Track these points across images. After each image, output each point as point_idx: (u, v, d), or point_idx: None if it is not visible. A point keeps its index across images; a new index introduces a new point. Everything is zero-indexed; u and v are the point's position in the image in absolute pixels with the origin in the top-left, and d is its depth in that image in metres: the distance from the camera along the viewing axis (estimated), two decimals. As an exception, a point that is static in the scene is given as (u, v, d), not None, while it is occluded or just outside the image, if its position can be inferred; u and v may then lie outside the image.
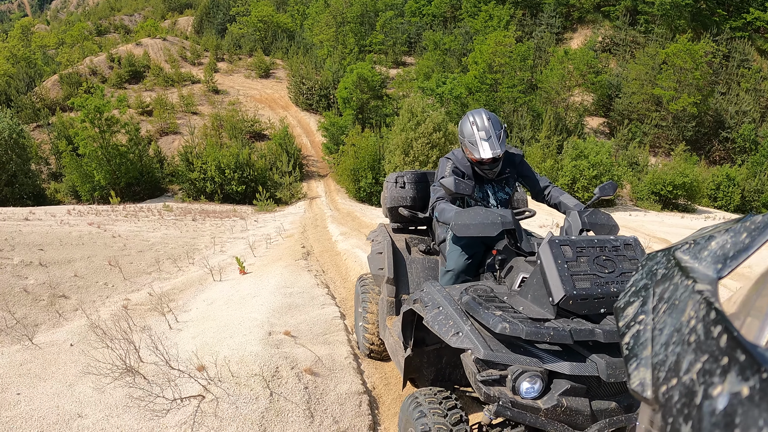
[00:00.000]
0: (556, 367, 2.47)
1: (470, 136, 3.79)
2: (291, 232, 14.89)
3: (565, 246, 2.65)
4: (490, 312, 2.58)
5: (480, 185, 4.08)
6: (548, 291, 2.59)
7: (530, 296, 2.76)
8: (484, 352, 2.46)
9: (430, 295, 3.03)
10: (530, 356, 2.51)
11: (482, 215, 3.28)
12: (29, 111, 43.80)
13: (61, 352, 5.20)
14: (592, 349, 2.52)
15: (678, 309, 0.79)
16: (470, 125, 3.80)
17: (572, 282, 2.51)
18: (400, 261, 4.47)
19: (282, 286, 7.28)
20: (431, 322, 2.79)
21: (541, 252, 2.67)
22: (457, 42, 56.05)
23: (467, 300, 2.75)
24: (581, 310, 2.55)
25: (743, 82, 50.46)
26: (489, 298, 2.81)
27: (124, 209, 20.21)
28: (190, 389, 4.00)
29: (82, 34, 74.57)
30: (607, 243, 2.74)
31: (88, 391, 4.17)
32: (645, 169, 37.04)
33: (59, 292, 7.31)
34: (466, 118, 3.88)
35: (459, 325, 2.65)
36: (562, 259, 2.58)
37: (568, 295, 2.48)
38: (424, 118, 27.80)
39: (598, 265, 2.63)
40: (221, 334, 5.19)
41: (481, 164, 3.89)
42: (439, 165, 4.11)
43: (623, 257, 2.71)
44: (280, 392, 4.06)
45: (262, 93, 54.49)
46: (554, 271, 2.55)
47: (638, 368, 0.82)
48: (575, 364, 2.45)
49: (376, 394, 4.66)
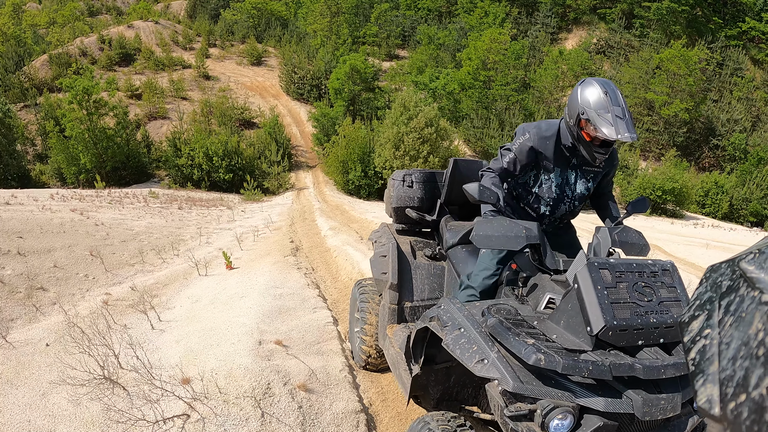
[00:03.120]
0: (589, 403, 2.23)
1: (601, 107, 3.07)
2: (279, 224, 14.64)
3: (604, 270, 2.40)
4: (521, 340, 2.32)
5: (563, 169, 3.49)
6: (586, 320, 2.34)
7: (563, 323, 2.51)
8: (514, 384, 2.19)
9: (449, 313, 2.74)
10: (562, 389, 2.27)
11: (506, 227, 2.98)
12: (17, 90, 43.12)
13: (36, 353, 4.91)
14: (628, 383, 2.28)
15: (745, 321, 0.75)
16: (603, 95, 3.08)
17: (612, 311, 2.28)
18: (404, 266, 4.20)
19: (271, 286, 6.99)
20: (452, 345, 2.52)
21: (579, 276, 2.41)
22: (451, 37, 55.89)
23: (494, 323, 2.47)
24: (619, 342, 2.31)
25: (736, 90, 50.69)
26: (517, 322, 2.54)
27: (109, 194, 19.83)
28: (173, 407, 3.69)
29: (73, 14, 73.86)
30: (646, 268, 2.50)
31: (62, 402, 3.87)
32: (635, 173, 37.11)
33: (37, 284, 7.01)
34: (593, 85, 3.15)
35: (484, 352, 2.38)
36: (602, 285, 2.34)
37: (608, 326, 2.24)
38: (417, 113, 27.61)
39: (637, 292, 2.39)
40: (207, 340, 4.90)
41: (594, 144, 3.24)
42: (516, 133, 3.54)
43: (661, 284, 2.48)
44: (272, 412, 3.77)
45: (254, 81, 54.13)
46: (593, 298, 2.31)
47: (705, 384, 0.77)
48: (610, 400, 2.22)
49: (373, 411, 4.38)
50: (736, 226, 32.39)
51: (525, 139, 3.40)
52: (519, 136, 3.45)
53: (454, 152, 28.22)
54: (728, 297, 0.83)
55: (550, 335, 2.48)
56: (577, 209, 3.67)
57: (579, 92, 3.18)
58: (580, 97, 3.16)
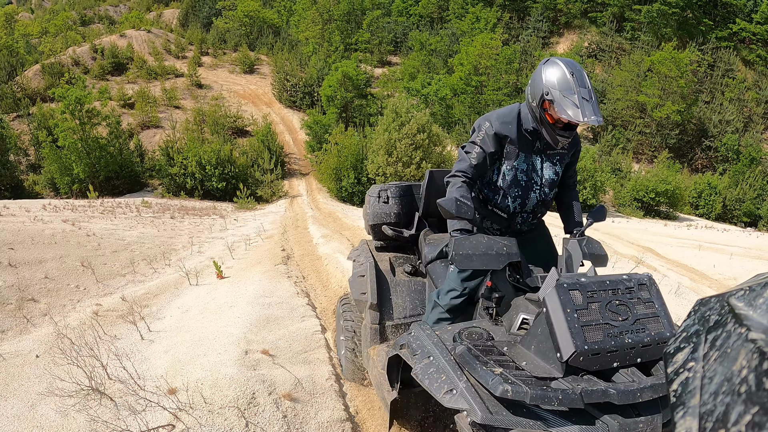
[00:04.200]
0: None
1: (566, 88, 2.89)
2: (271, 232, 14.64)
3: (574, 291, 2.36)
4: (488, 369, 2.27)
5: (527, 154, 3.32)
6: (555, 345, 2.31)
7: (534, 348, 2.47)
8: (482, 416, 2.14)
9: (419, 340, 2.73)
10: (533, 419, 2.20)
11: (485, 245, 2.91)
12: (9, 100, 42.99)
13: (26, 364, 4.94)
14: (603, 408, 2.23)
15: (730, 357, 0.76)
16: (569, 75, 2.91)
17: (583, 335, 2.24)
18: (383, 284, 4.17)
19: (260, 296, 7.01)
20: (420, 375, 2.50)
21: (547, 299, 2.38)
22: (443, 43, 56.03)
23: (462, 351, 2.44)
24: (592, 366, 2.27)
25: (727, 91, 50.91)
26: (486, 349, 2.51)
27: (102, 205, 19.80)
28: (159, 418, 3.72)
29: (65, 23, 73.92)
30: (620, 284, 2.45)
31: (50, 414, 3.90)
32: (628, 175, 37.25)
33: (28, 296, 7.03)
34: (558, 65, 2.98)
35: (453, 381, 2.34)
36: (572, 308, 2.30)
37: (578, 351, 2.20)
38: (409, 119, 27.64)
39: (610, 311, 2.35)
40: (195, 351, 4.93)
41: (557, 126, 3.08)
42: (474, 128, 3.37)
43: (638, 299, 2.44)
44: (257, 422, 3.79)
45: (246, 88, 54.11)
46: (563, 322, 2.27)
47: (685, 417, 0.78)
48: (584, 427, 2.16)
49: (359, 420, 4.37)
50: (730, 226, 32.48)
51: (487, 127, 3.26)
52: (480, 128, 3.31)
53: (446, 158, 28.23)
54: (715, 331, 0.85)
55: (519, 362, 2.44)
56: (548, 198, 3.52)
57: (543, 72, 3.03)
58: (544, 77, 3.01)
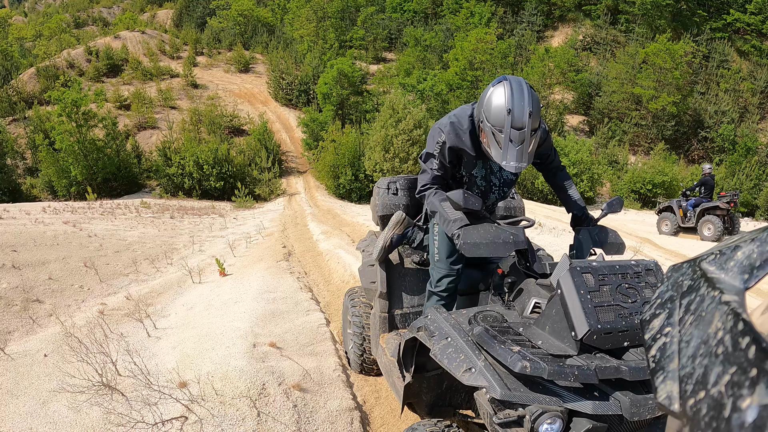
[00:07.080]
0: (578, 407, 2.26)
1: (498, 124, 2.88)
2: (271, 230, 14.68)
3: (586, 274, 2.44)
4: (506, 348, 2.34)
5: (484, 160, 3.34)
6: (570, 324, 2.38)
7: (548, 328, 2.55)
8: (501, 392, 2.21)
9: (436, 323, 2.78)
10: (550, 395, 2.29)
11: (493, 233, 2.99)
12: (5, 104, 42.88)
13: (35, 363, 4.98)
14: (615, 385, 2.32)
15: (705, 321, 0.76)
16: (505, 111, 2.84)
17: (596, 315, 2.32)
18: (393, 274, 4.22)
19: (264, 291, 7.07)
20: (439, 355, 2.56)
21: (561, 281, 2.45)
22: (438, 38, 55.95)
23: (479, 332, 2.51)
24: (605, 344, 2.35)
25: (722, 82, 50.82)
26: (503, 330, 2.57)
27: (101, 206, 19.83)
28: (171, 410, 3.77)
29: (59, 26, 73.66)
30: (629, 269, 2.53)
31: (62, 410, 3.95)
32: (624, 167, 37.25)
33: (33, 297, 7.07)
34: (501, 95, 2.89)
35: (471, 360, 2.41)
36: (585, 289, 2.37)
37: (592, 330, 2.28)
38: (405, 115, 27.67)
39: (621, 294, 2.43)
40: (203, 345, 4.98)
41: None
42: (429, 136, 3.36)
43: (645, 284, 2.51)
44: (268, 411, 3.85)
45: (242, 87, 54.11)
46: (577, 302, 2.35)
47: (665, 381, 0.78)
48: (598, 402, 2.25)
49: (367, 409, 4.45)
50: (727, 217, 32.45)
51: (441, 141, 3.26)
52: (435, 139, 3.31)
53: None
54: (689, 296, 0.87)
55: (535, 341, 2.51)
56: (506, 194, 3.61)
57: (488, 95, 2.98)
58: (486, 100, 2.98)
